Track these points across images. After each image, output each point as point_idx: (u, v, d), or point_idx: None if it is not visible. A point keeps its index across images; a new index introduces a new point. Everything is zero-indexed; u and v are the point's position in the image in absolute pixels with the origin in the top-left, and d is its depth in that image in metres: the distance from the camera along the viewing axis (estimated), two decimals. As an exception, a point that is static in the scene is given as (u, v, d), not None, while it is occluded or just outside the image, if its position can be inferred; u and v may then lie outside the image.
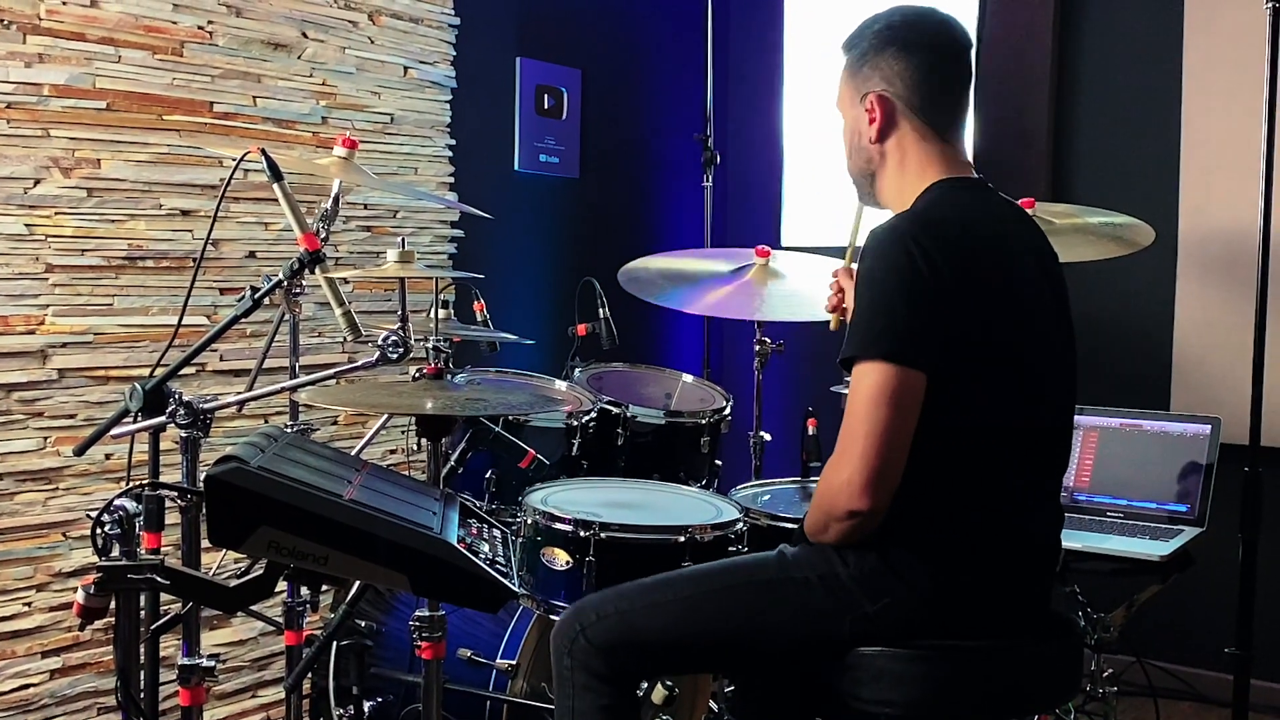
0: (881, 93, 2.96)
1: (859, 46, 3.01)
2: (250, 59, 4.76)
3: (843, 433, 2.72)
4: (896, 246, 2.73)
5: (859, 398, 2.68)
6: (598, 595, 3.08)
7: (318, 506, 2.30)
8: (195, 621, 3.08)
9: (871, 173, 3.07)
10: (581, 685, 2.96)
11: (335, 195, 3.49)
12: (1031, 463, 2.90)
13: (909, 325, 2.69)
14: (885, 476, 2.67)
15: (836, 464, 2.71)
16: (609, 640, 2.94)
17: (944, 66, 2.98)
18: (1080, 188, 5.87)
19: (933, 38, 2.98)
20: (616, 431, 4.32)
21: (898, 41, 2.95)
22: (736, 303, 4.48)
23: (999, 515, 2.82)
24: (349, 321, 3.16)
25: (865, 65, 2.99)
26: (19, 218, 4.14)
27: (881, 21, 2.99)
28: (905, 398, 2.66)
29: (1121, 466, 4.75)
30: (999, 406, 2.79)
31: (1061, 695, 3.05)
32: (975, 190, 2.96)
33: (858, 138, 3.06)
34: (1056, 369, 2.94)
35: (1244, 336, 4.37)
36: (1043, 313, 2.91)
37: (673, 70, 6.86)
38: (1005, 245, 2.89)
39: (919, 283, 2.69)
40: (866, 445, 2.65)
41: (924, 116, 2.96)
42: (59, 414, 4.27)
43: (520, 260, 6.02)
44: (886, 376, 2.66)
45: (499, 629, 3.93)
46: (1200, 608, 5.30)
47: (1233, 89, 5.37)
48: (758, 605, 2.91)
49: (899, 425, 2.66)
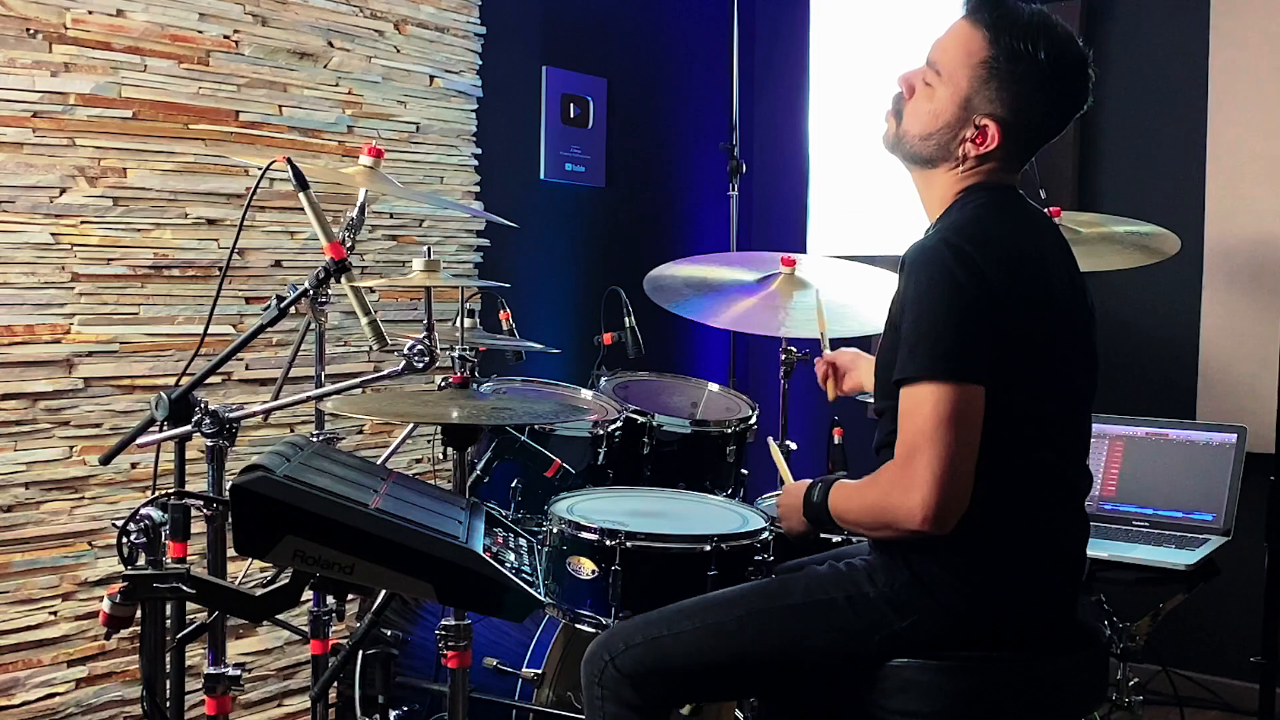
0: (999, 120, 2.83)
1: (993, 57, 2.82)
2: (276, 68, 4.77)
3: (904, 450, 2.68)
4: (941, 264, 2.69)
5: (921, 418, 2.64)
6: (626, 624, 3.09)
7: (344, 515, 2.30)
8: (221, 630, 3.08)
9: (927, 158, 2.94)
10: (613, 715, 2.97)
11: (361, 204, 3.49)
12: (1060, 474, 2.89)
13: (963, 341, 2.66)
14: (959, 501, 2.65)
15: (905, 484, 2.66)
16: (638, 669, 2.94)
17: (1061, 111, 2.91)
18: (1106, 197, 5.86)
19: (1063, 83, 2.86)
20: (642, 440, 4.31)
21: (1031, 79, 2.81)
22: (762, 316, 4.44)
23: (1029, 528, 2.82)
24: (375, 330, 3.15)
25: (994, 81, 2.82)
26: (45, 226, 4.15)
27: (1023, 38, 2.79)
28: (969, 413, 2.64)
29: (1147, 475, 4.74)
30: (1027, 420, 2.78)
31: (1087, 705, 3.04)
32: (1011, 199, 2.92)
33: (938, 118, 2.90)
34: (1085, 379, 2.93)
35: (1270, 345, 4.37)
36: (1076, 324, 2.90)
37: (698, 79, 6.86)
38: (1042, 255, 2.86)
39: (967, 298, 2.66)
40: (938, 468, 2.61)
41: (1014, 146, 2.89)
42: (85, 423, 4.28)
43: (546, 269, 6.03)
44: (948, 395, 2.63)
45: (525, 638, 3.93)
46: (1226, 617, 5.29)
47: (1259, 97, 5.36)
48: (787, 629, 2.91)
49: (967, 444, 2.64)
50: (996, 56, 2.81)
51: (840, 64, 6.76)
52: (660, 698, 3.01)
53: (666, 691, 3.00)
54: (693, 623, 2.97)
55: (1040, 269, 2.83)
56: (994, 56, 2.81)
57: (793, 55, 6.98)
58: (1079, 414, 2.93)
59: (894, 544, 2.83)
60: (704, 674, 2.98)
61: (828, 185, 6.83)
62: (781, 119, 7.04)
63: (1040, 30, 2.81)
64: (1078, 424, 2.94)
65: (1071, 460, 2.93)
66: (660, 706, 3.04)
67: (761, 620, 2.94)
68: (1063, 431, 2.88)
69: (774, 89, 7.08)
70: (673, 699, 3.14)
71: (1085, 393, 2.94)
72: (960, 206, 2.89)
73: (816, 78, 6.88)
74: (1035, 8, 2.86)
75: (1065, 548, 2.91)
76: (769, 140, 7.11)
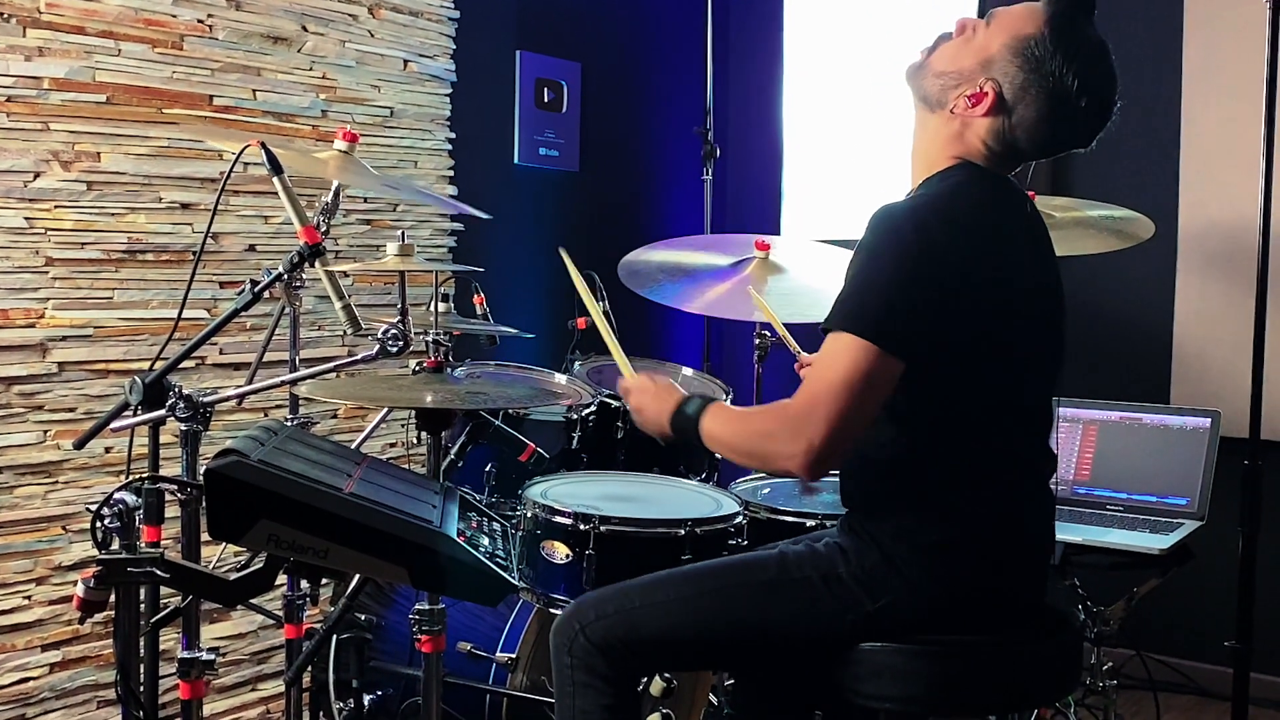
0: (1001, 95, 2.80)
1: (1040, 53, 2.77)
2: (250, 52, 4.76)
3: (806, 395, 2.68)
4: (904, 229, 2.68)
5: (833, 370, 2.63)
6: (596, 593, 3.08)
7: (318, 500, 2.30)
8: (195, 615, 3.08)
9: (932, 97, 2.89)
10: (582, 683, 2.96)
11: (335, 189, 3.49)
12: (1023, 454, 2.90)
13: (899, 311, 2.64)
14: (837, 459, 2.68)
15: (795, 428, 2.65)
16: (609, 639, 2.94)
17: (1059, 142, 2.88)
18: (1080, 181, 5.86)
19: (1080, 126, 2.84)
20: (616, 425, 4.31)
21: (1057, 110, 2.78)
22: (736, 301, 4.45)
23: (996, 508, 2.82)
24: (349, 315, 3.16)
25: (1026, 72, 2.78)
26: (19, 211, 4.14)
27: (1074, 67, 2.76)
28: (880, 382, 2.63)
29: (1121, 460, 4.76)
30: (991, 401, 2.79)
31: (1061, 689, 3.06)
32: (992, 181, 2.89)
33: (957, 62, 2.86)
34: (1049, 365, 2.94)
35: (1244, 330, 4.37)
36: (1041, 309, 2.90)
37: (673, 63, 6.86)
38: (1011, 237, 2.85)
39: (918, 270, 2.65)
40: (834, 424, 2.61)
41: (1004, 149, 2.86)
42: (59, 407, 4.27)
43: (520, 254, 6.02)
44: (867, 357, 2.61)
45: (499, 622, 3.93)
46: (1200, 601, 5.31)
47: (1233, 82, 5.37)
48: (759, 605, 2.91)
49: (868, 409, 2.64)
50: (1036, 49, 2.78)
51: (815, 47, 6.76)
52: (631, 668, 3.01)
53: (637, 662, 3.00)
54: (665, 594, 2.97)
55: (1006, 250, 2.82)
56: (1035, 47, 2.78)
57: (767, 38, 6.97)
58: (1041, 397, 2.94)
59: (864, 525, 2.85)
60: (675, 646, 2.98)
61: (802, 169, 6.84)
62: (756, 102, 7.04)
63: (1087, 58, 2.79)
64: (1039, 406, 2.95)
65: (1032, 441, 2.93)
66: (630, 676, 3.04)
67: (735, 595, 2.94)
68: (1023, 413, 2.89)
69: (748, 72, 7.08)
70: (643, 669, 3.15)
71: (1048, 377, 2.94)
72: (942, 178, 2.86)
73: (791, 61, 6.88)
74: (1101, 38, 2.83)
75: (1030, 528, 2.92)
76: (743, 124, 7.10)
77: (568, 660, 2.98)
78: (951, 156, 2.89)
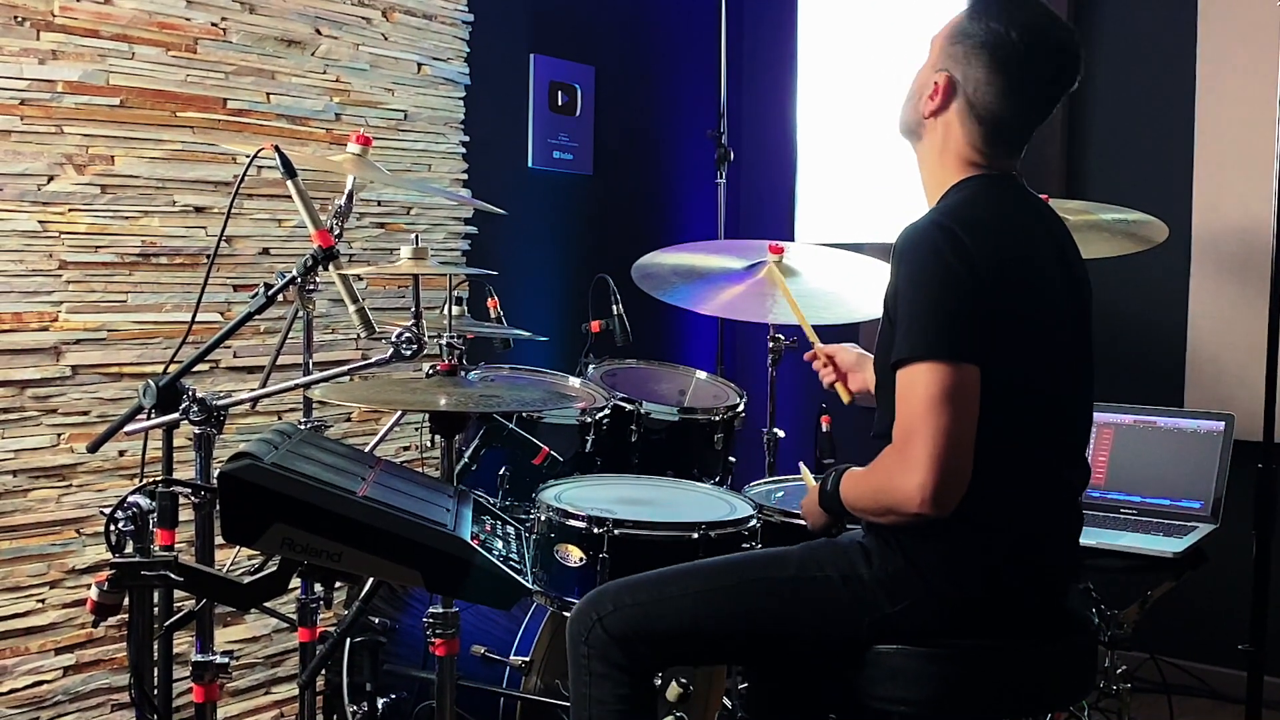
0: (952, 79, 2.89)
1: (968, 27, 2.87)
2: (264, 55, 4.76)
3: (900, 433, 2.69)
4: (931, 247, 2.71)
5: (916, 398, 2.65)
6: (615, 585, 3.08)
7: (331, 503, 2.30)
8: (209, 618, 3.07)
9: (909, 127, 3.02)
10: (599, 674, 2.97)
11: (349, 192, 3.48)
12: (1051, 466, 2.89)
13: (956, 321, 2.66)
14: (959, 481, 2.65)
15: (903, 466, 2.66)
16: (626, 631, 2.95)
17: (1029, 97, 2.90)
18: (1094, 184, 5.86)
19: (1035, 68, 2.86)
20: (630, 428, 4.31)
21: (998, 55, 2.83)
22: (749, 303, 4.45)
23: (1020, 519, 2.82)
24: (363, 318, 3.16)
25: (960, 45, 2.87)
26: (33, 214, 4.14)
27: (1000, 19, 2.84)
28: (964, 392, 2.64)
29: (1135, 463, 4.75)
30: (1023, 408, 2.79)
31: (1076, 693, 3.04)
32: (1007, 185, 2.92)
33: (918, 97, 2.98)
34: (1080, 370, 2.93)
35: (1258, 333, 4.36)
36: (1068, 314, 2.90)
37: (686, 67, 6.86)
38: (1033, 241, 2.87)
39: (958, 279, 2.67)
40: (935, 448, 2.61)
41: (984, 127, 2.89)
42: (72, 411, 4.27)
43: (534, 257, 6.02)
44: (943, 374, 2.63)
45: (513, 626, 3.93)
46: (1214, 604, 5.30)
47: (1246, 85, 5.36)
48: (776, 602, 2.92)
49: (964, 423, 2.64)
50: (965, 25, 2.88)
51: (829, 51, 6.75)
52: (647, 660, 3.01)
53: (653, 654, 3.00)
54: (684, 588, 2.98)
55: (1030, 255, 2.83)
56: (963, 24, 2.89)
57: (781, 42, 6.97)
58: (1072, 405, 2.93)
59: (890, 529, 2.83)
60: (691, 640, 2.99)
61: (816, 173, 6.82)
62: (769, 106, 7.04)
63: (1016, 10, 2.85)
64: (1071, 415, 2.94)
65: (1064, 452, 2.93)
66: (646, 668, 3.04)
67: (753, 591, 2.95)
68: (1053, 422, 2.87)
69: (762, 76, 7.07)
70: (660, 661, 3.14)
71: (1079, 384, 2.94)
72: (956, 191, 2.90)
73: (805, 65, 6.87)
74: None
75: (1058, 536, 2.92)
76: (757, 127, 7.10)
77: (584, 650, 2.99)
78: (953, 171, 2.94)
